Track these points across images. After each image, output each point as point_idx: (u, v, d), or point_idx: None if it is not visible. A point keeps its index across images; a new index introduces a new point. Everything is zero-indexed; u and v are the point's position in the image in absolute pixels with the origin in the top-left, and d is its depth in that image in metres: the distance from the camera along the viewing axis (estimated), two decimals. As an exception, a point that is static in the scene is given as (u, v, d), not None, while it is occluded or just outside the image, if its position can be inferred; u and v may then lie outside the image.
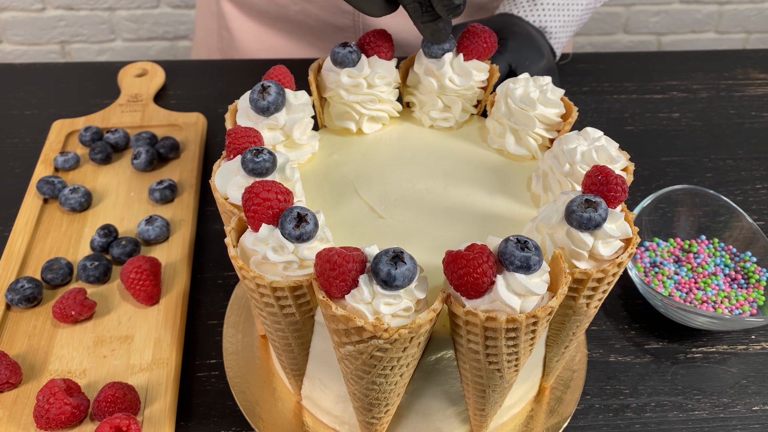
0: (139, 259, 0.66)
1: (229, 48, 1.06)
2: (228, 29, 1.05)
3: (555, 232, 0.46)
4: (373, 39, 0.59)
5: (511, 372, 0.47)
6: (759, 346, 0.67)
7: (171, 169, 0.81)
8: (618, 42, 1.98)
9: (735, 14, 1.95)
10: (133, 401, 0.57)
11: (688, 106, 0.95)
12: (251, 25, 1.04)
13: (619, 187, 0.45)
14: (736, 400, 0.62)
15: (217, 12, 1.05)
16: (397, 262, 0.41)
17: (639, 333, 0.68)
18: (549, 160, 0.53)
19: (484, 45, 0.59)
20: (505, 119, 0.57)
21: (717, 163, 0.87)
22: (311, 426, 0.58)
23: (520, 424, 0.59)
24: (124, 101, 0.90)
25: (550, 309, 0.42)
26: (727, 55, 1.05)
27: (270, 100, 0.52)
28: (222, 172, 0.50)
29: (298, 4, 0.99)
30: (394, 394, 0.48)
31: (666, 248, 0.71)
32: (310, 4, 0.99)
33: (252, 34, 1.04)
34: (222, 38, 1.07)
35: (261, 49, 1.05)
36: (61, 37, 1.88)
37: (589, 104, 0.95)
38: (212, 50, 1.09)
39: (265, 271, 0.44)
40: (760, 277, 0.68)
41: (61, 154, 0.79)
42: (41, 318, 0.65)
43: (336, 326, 0.42)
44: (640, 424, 0.60)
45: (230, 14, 1.04)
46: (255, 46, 1.05)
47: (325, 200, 0.54)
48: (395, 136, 0.61)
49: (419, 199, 0.55)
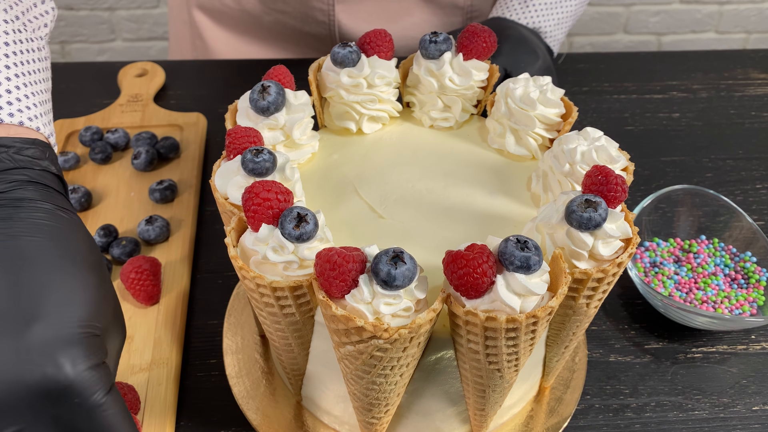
0: (139, 259, 0.66)
1: (203, 56, 1.05)
2: (201, 38, 1.03)
3: (555, 232, 0.46)
4: (373, 39, 0.59)
5: (511, 372, 0.47)
6: (759, 346, 0.67)
7: (171, 169, 0.81)
8: (618, 42, 1.98)
9: (735, 14, 1.95)
10: (133, 401, 0.57)
11: (688, 106, 0.95)
12: (224, 33, 1.02)
13: (619, 187, 0.45)
14: (736, 400, 0.62)
15: (189, 20, 1.03)
16: (397, 262, 0.41)
17: (639, 333, 0.68)
18: (549, 160, 0.53)
19: (483, 45, 0.59)
20: (505, 119, 0.57)
21: (717, 163, 0.87)
22: (311, 426, 0.58)
23: (520, 424, 0.59)
24: (124, 101, 0.90)
25: (550, 309, 0.42)
26: (727, 55, 1.05)
27: (270, 100, 0.52)
28: (222, 172, 0.50)
29: (271, 14, 0.97)
30: (394, 394, 0.48)
31: (666, 248, 0.71)
32: (283, 15, 0.97)
33: (225, 43, 1.03)
34: (196, 47, 1.05)
35: (235, 58, 1.03)
36: (61, 37, 1.88)
37: (589, 104, 0.95)
38: (186, 57, 1.08)
39: (265, 271, 0.44)
40: (760, 277, 0.68)
41: (61, 154, 0.79)
42: (41, 318, 0.65)
43: (336, 326, 0.42)
44: (640, 424, 0.60)
45: (202, 23, 1.02)
46: (229, 54, 1.03)
47: (325, 200, 0.54)
48: (395, 136, 0.61)
49: (419, 199, 0.55)
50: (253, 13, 0.98)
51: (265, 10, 0.97)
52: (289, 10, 0.97)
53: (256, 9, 0.97)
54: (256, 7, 0.97)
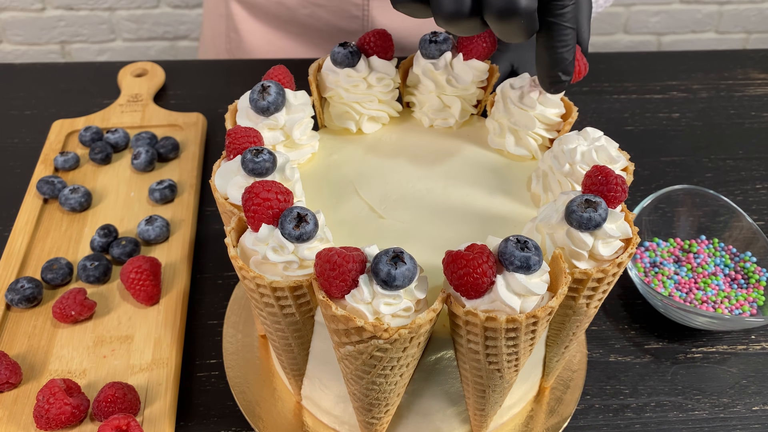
0: (139, 259, 0.66)
1: (237, 50, 1.06)
2: (236, 31, 1.05)
3: (555, 232, 0.46)
4: (373, 39, 0.59)
5: (511, 372, 0.47)
6: (759, 346, 0.67)
7: (171, 169, 0.81)
8: (618, 42, 1.98)
9: (735, 14, 1.95)
10: (133, 401, 0.57)
11: (688, 106, 0.95)
12: (260, 27, 1.04)
13: (619, 187, 0.45)
14: (736, 400, 0.62)
15: (225, 13, 1.05)
16: (397, 262, 0.41)
17: (639, 333, 0.68)
18: (549, 160, 0.53)
19: (483, 45, 0.59)
20: (504, 119, 0.57)
21: (717, 163, 0.87)
22: (311, 426, 0.58)
23: (520, 424, 0.59)
24: (124, 101, 0.90)
25: (550, 309, 0.42)
26: (727, 55, 1.05)
27: (270, 100, 0.52)
28: (222, 172, 0.50)
29: (308, 7, 0.99)
30: (394, 394, 0.48)
31: (666, 248, 0.71)
32: (319, 7, 0.99)
33: (260, 36, 1.04)
34: (230, 39, 1.06)
35: (269, 51, 1.05)
36: (61, 37, 1.88)
37: (589, 104, 0.95)
38: (220, 51, 1.09)
39: (265, 271, 0.44)
40: (760, 277, 0.68)
41: (61, 154, 0.79)
42: (41, 318, 0.65)
43: (336, 326, 0.42)
44: (640, 424, 0.60)
45: (239, 16, 1.04)
46: (263, 47, 1.05)
47: (325, 200, 0.54)
48: (395, 136, 0.61)
49: (419, 199, 0.55)
50: (289, 6, 1.00)
51: (302, 3, 0.99)
52: (326, 3, 0.98)
53: (292, 1, 0.99)
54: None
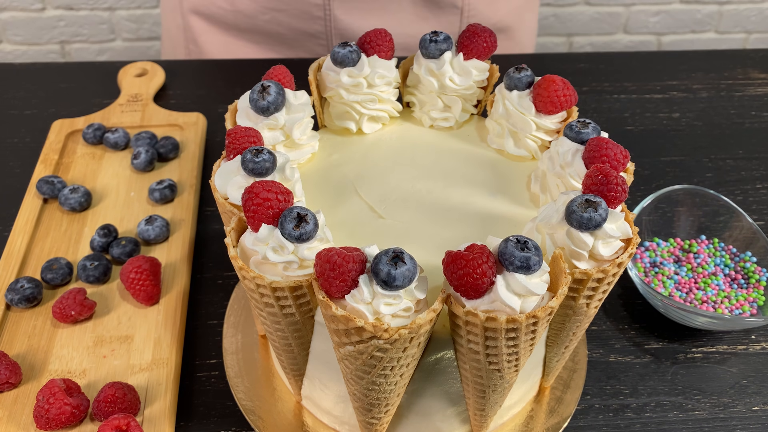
0: (139, 259, 0.66)
1: None
2: (195, 43, 1.03)
3: (555, 232, 0.46)
4: (374, 38, 0.59)
5: (511, 372, 0.47)
6: (759, 346, 0.67)
7: (171, 169, 0.81)
8: (618, 42, 1.98)
9: (735, 14, 1.95)
10: (132, 401, 0.57)
11: (688, 106, 0.95)
12: (219, 37, 1.02)
13: (619, 187, 0.45)
14: (736, 400, 0.62)
15: (183, 25, 1.03)
16: (397, 262, 0.41)
17: (639, 333, 0.67)
18: (546, 160, 0.53)
19: (484, 44, 0.59)
20: (503, 120, 0.57)
21: (717, 163, 0.87)
22: (311, 426, 0.58)
23: (520, 424, 0.59)
24: (124, 101, 0.90)
25: (550, 309, 0.42)
26: (727, 55, 1.05)
27: (270, 100, 0.52)
28: (222, 172, 0.50)
29: (267, 13, 0.97)
30: (394, 394, 0.48)
31: (666, 248, 0.71)
32: (279, 12, 0.97)
33: (220, 46, 1.03)
34: (190, 51, 1.05)
35: None
36: (61, 37, 1.88)
37: (589, 104, 0.95)
38: None
39: (265, 271, 0.44)
40: (760, 277, 0.68)
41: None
42: (41, 318, 0.65)
43: (336, 326, 0.42)
44: (640, 424, 0.60)
45: (198, 27, 1.02)
46: (223, 57, 1.03)
47: (325, 200, 0.54)
48: (395, 136, 0.61)
49: (419, 199, 0.55)
50: (247, 13, 0.98)
51: (261, 9, 0.97)
52: (285, 7, 0.97)
53: (250, 8, 0.97)
54: (250, 6, 0.97)
